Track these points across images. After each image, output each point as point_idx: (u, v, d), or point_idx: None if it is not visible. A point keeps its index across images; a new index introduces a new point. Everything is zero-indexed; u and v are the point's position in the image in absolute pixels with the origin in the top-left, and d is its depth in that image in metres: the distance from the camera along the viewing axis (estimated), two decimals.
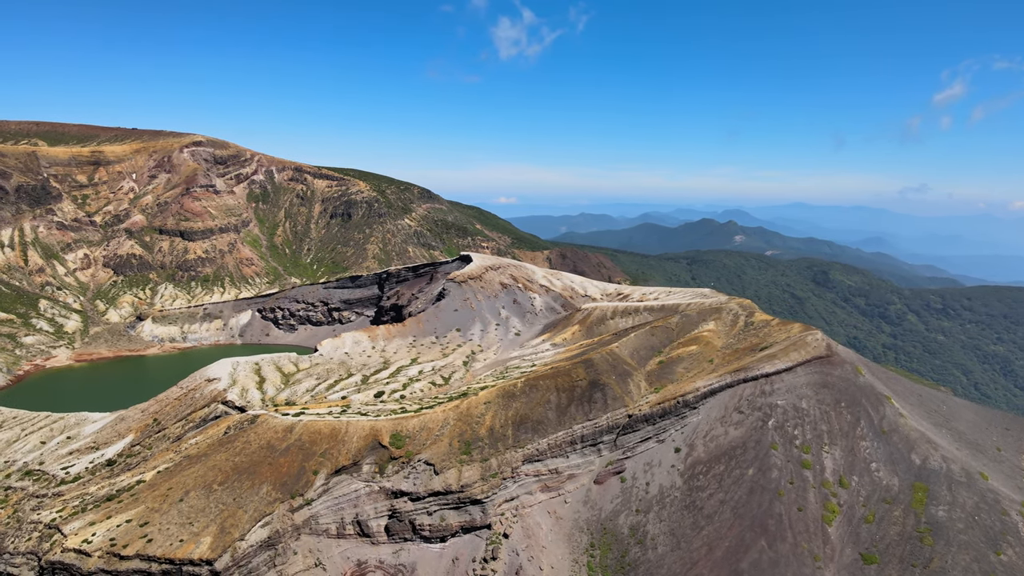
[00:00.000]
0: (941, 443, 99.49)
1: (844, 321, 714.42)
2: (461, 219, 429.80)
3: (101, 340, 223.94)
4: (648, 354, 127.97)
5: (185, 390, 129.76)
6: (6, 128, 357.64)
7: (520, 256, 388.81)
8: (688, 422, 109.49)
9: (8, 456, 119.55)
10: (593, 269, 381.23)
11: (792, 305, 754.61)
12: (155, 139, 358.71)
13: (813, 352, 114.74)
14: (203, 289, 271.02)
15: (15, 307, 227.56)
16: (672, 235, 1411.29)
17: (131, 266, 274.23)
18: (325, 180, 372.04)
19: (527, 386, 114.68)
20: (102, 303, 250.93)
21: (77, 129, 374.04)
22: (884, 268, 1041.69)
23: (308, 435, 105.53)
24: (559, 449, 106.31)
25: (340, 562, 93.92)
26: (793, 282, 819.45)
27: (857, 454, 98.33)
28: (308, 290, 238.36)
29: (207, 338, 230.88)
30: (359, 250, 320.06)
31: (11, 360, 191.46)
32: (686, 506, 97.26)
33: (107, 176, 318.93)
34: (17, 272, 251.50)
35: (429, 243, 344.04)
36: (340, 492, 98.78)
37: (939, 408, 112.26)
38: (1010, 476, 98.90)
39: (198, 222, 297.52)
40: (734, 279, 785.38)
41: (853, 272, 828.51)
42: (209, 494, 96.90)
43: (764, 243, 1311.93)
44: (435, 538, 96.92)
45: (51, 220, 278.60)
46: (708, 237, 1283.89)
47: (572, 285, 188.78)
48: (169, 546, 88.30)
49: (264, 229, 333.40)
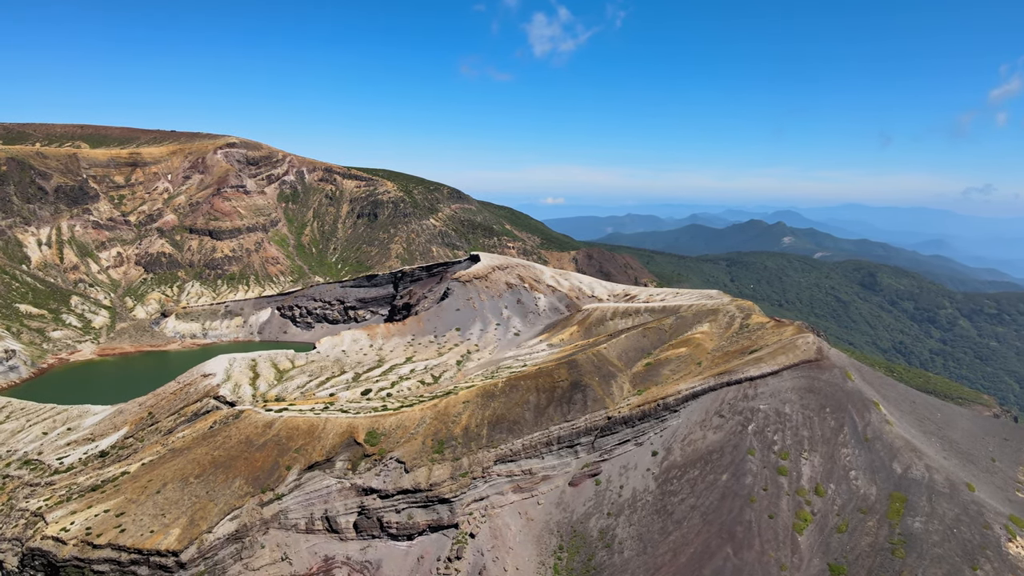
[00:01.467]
0: (928, 452, 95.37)
1: (890, 326, 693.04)
2: (490, 219, 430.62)
3: (125, 335, 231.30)
4: (637, 355, 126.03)
5: (181, 384, 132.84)
6: (52, 131, 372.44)
7: (547, 256, 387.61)
8: (668, 425, 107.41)
9: (11, 445, 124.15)
10: (619, 270, 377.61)
11: (835, 309, 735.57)
12: (191, 141, 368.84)
13: (802, 356, 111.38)
14: (228, 287, 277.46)
15: (48, 303, 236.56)
16: (719, 236, 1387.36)
17: (161, 264, 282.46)
18: (354, 180, 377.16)
19: (507, 386, 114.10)
20: (131, 300, 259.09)
21: (119, 132, 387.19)
22: (941, 271, 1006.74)
23: (286, 431, 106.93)
24: (534, 450, 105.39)
25: (307, 557, 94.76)
26: (838, 285, 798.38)
27: (837, 461, 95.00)
28: (325, 289, 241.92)
29: (227, 335, 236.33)
30: (383, 249, 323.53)
31: (36, 353, 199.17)
32: (657, 511, 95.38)
33: (143, 177, 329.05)
34: (52, 269, 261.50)
35: (453, 243, 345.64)
36: (312, 488, 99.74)
37: (932, 416, 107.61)
38: (1001, 488, 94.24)
39: (226, 221, 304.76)
40: (775, 281, 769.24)
41: (902, 275, 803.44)
42: (185, 487, 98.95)
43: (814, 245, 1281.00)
44: (402, 536, 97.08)
45: (87, 219, 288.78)
46: (756, 239, 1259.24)
47: (580, 286, 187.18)
48: (140, 536, 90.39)
49: (292, 228, 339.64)
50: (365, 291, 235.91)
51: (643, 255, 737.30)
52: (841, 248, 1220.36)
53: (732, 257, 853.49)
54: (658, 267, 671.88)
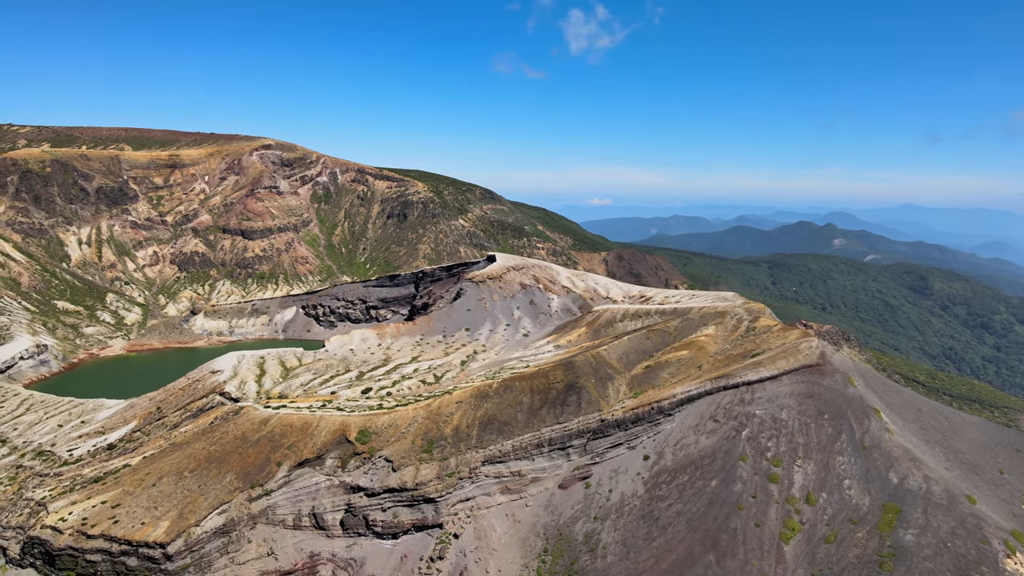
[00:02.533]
0: (928, 462, 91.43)
1: (940, 331, 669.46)
2: (522, 220, 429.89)
3: (156, 332, 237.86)
4: (638, 358, 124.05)
5: (191, 380, 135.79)
6: (99, 134, 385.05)
7: (577, 257, 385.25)
8: (662, 429, 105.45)
9: (28, 437, 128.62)
10: (650, 272, 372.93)
11: (882, 313, 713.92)
12: (229, 143, 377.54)
13: (803, 360, 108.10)
14: (258, 286, 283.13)
15: (84, 300, 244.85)
16: (766, 238, 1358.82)
17: (194, 263, 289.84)
18: (385, 181, 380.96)
19: (502, 387, 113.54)
20: (163, 297, 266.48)
21: (161, 134, 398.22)
22: (1000, 275, 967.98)
23: (280, 427, 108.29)
24: (524, 451, 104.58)
25: (293, 553, 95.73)
26: (886, 289, 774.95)
27: (831, 470, 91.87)
28: (348, 288, 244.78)
29: (252, 332, 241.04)
30: (411, 250, 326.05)
31: (69, 348, 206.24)
32: (643, 516, 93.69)
33: (181, 178, 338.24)
34: (91, 267, 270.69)
35: (482, 244, 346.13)
36: (301, 484, 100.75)
37: (938, 424, 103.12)
38: (1006, 501, 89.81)
39: (258, 222, 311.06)
40: (818, 285, 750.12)
41: (955, 279, 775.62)
42: (179, 480, 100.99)
43: (866, 247, 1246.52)
44: (387, 534, 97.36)
45: (125, 219, 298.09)
46: (805, 241, 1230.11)
47: (595, 287, 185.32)
48: (131, 528, 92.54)
49: (324, 229, 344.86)
50: (387, 291, 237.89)
51: (682, 257, 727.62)
52: (895, 251, 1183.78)
53: (775, 259, 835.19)
54: (696, 269, 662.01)
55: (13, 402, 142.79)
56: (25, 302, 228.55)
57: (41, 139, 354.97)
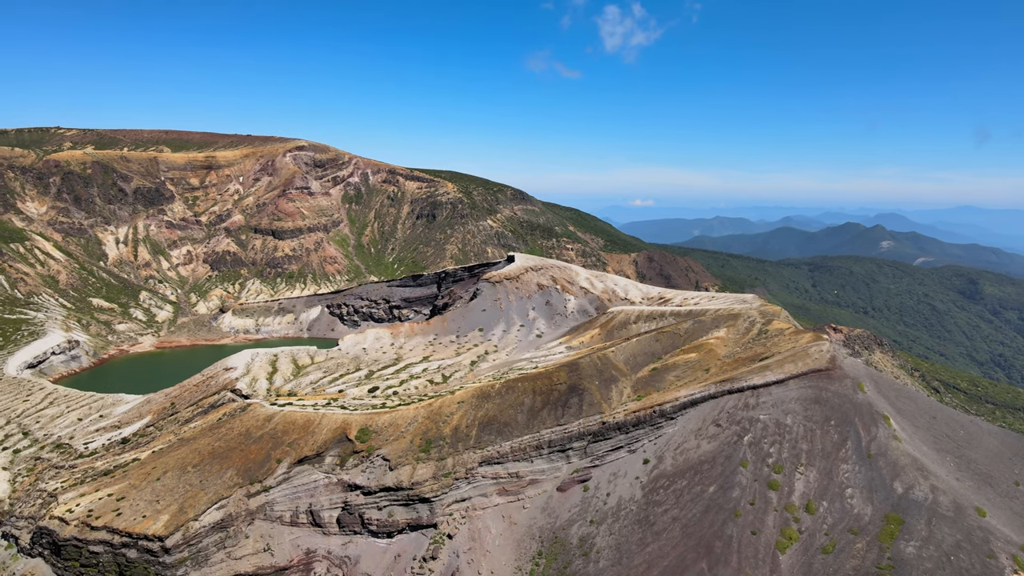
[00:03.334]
0: (937, 471, 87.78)
1: (990, 337, 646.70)
2: (553, 221, 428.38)
3: (185, 329, 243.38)
4: (646, 360, 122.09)
5: (205, 377, 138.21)
6: (140, 136, 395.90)
7: (607, 258, 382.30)
8: (664, 433, 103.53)
9: (48, 430, 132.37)
10: (680, 274, 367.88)
11: (928, 318, 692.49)
12: (264, 144, 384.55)
13: (812, 364, 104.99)
14: (286, 285, 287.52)
15: (119, 297, 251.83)
16: (811, 240, 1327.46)
17: (226, 262, 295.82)
18: (416, 182, 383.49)
19: (504, 387, 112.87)
20: (194, 296, 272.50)
21: (199, 136, 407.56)
22: None
23: (283, 425, 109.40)
24: (523, 453, 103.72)
25: (289, 549, 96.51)
26: (933, 292, 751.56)
27: (834, 478, 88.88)
28: (372, 288, 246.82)
29: (278, 331, 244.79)
30: (438, 250, 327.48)
31: (100, 345, 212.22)
32: (639, 520, 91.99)
33: (216, 179, 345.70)
34: (127, 266, 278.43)
35: (510, 244, 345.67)
36: (300, 481, 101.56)
37: (953, 433, 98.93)
38: (1020, 515, 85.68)
39: (288, 222, 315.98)
40: (861, 288, 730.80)
41: (1007, 283, 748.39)
42: (182, 475, 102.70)
43: (916, 249, 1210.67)
44: (382, 533, 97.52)
45: (161, 219, 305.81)
46: (851, 242, 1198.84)
47: (614, 288, 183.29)
48: (132, 520, 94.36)
49: (354, 229, 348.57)
50: (410, 291, 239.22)
51: (719, 259, 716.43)
52: (947, 253, 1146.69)
53: (816, 261, 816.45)
54: (734, 271, 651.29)
55: (38, 396, 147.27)
56: (62, 299, 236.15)
57: (86, 141, 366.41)
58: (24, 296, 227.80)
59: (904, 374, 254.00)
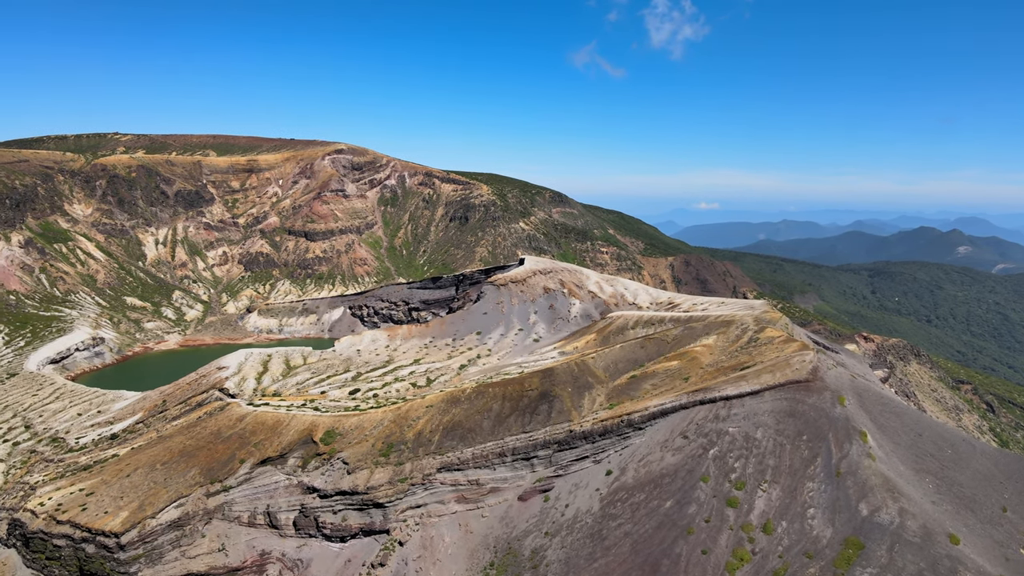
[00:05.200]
0: (911, 493, 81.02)
1: None
2: (592, 223, 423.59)
3: (211, 328, 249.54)
4: (627, 367, 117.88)
5: (198, 375, 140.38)
6: (188, 141, 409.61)
7: (643, 262, 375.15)
8: (631, 443, 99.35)
9: (49, 424, 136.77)
10: (718, 278, 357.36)
11: (998, 328, 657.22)
12: (305, 148, 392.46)
13: (791, 375, 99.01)
14: (315, 286, 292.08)
15: (153, 296, 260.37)
16: (882, 245, 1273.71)
17: (259, 263, 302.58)
18: (451, 184, 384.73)
19: (475, 392, 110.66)
20: (226, 295, 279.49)
21: (245, 140, 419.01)
22: None
23: (253, 425, 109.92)
24: (485, 460, 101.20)
25: (244, 550, 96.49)
26: (1005, 301, 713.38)
27: (797, 496, 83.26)
28: (393, 290, 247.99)
29: (300, 331, 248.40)
30: (468, 253, 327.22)
31: (126, 342, 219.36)
32: (591, 534, 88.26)
33: (256, 182, 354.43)
34: (164, 266, 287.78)
35: (541, 247, 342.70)
36: (261, 482, 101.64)
37: (939, 452, 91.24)
38: (1001, 544, 78.25)
39: (321, 224, 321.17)
40: (925, 295, 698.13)
41: None
42: (150, 472, 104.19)
43: (997, 255, 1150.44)
44: (335, 537, 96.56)
45: (200, 221, 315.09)
46: (925, 247, 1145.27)
47: (623, 292, 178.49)
48: (94, 516, 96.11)
49: (388, 231, 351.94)
50: (429, 293, 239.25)
51: (772, 263, 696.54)
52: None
53: (877, 267, 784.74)
54: (786, 276, 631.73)
55: (47, 391, 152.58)
56: (98, 297, 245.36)
57: (138, 146, 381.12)
58: (62, 294, 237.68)
59: (943, 387, 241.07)
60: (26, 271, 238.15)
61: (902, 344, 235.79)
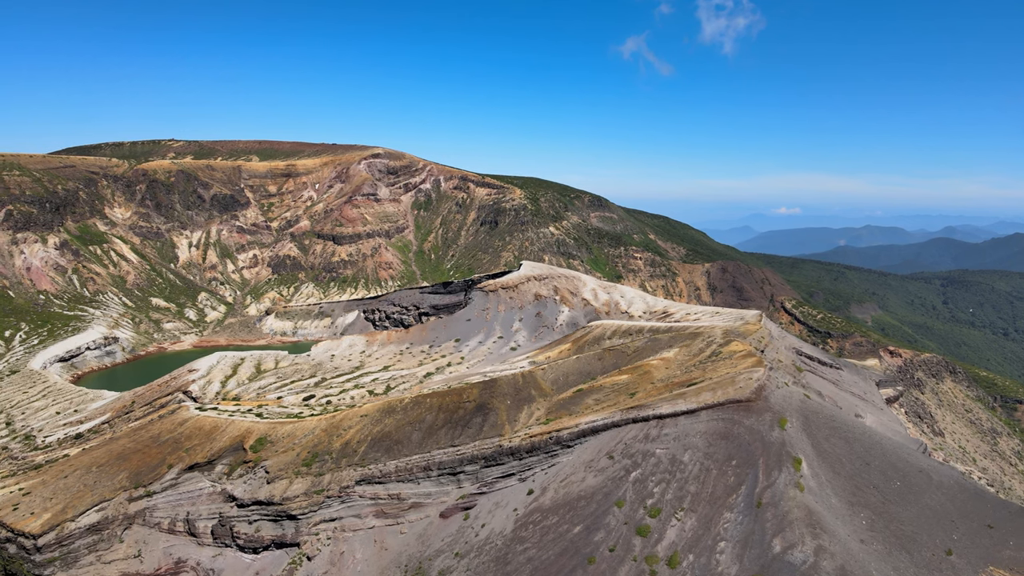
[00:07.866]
0: (836, 530, 72.18)
1: None
2: (631, 228, 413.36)
3: (228, 330, 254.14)
4: (578, 380, 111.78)
5: (170, 377, 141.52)
6: (235, 146, 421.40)
7: (679, 269, 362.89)
8: (558, 461, 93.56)
9: (28, 421, 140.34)
10: (755, 286, 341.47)
11: None
12: (344, 153, 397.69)
13: (733, 394, 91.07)
14: (339, 289, 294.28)
15: (179, 298, 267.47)
16: (972, 252, 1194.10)
17: (286, 266, 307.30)
18: (486, 188, 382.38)
19: (412, 403, 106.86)
20: (250, 298, 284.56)
21: (288, 146, 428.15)
22: None
23: (191, 430, 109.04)
24: (409, 474, 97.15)
25: (160, 557, 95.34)
26: None
27: (711, 528, 75.75)
28: (405, 294, 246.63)
29: (313, 334, 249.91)
30: (494, 257, 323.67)
31: (141, 342, 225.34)
32: (496, 558, 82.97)
33: (293, 186, 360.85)
34: (194, 268, 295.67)
35: (570, 252, 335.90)
36: (186, 488, 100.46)
37: (886, 484, 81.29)
38: None
39: (349, 227, 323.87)
40: (1004, 307, 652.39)
41: None
42: (86, 474, 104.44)
43: None
44: (248, 548, 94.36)
45: (233, 224, 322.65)
46: (1018, 256, 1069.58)
47: (618, 300, 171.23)
48: (20, 517, 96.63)
49: (418, 235, 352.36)
50: (439, 297, 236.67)
51: (833, 270, 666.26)
52: None
53: (952, 276, 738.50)
54: (847, 285, 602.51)
55: (37, 389, 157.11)
56: (126, 298, 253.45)
57: (187, 152, 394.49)
58: (91, 294, 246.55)
59: (980, 407, 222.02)
60: (59, 272, 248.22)
61: (936, 359, 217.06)
